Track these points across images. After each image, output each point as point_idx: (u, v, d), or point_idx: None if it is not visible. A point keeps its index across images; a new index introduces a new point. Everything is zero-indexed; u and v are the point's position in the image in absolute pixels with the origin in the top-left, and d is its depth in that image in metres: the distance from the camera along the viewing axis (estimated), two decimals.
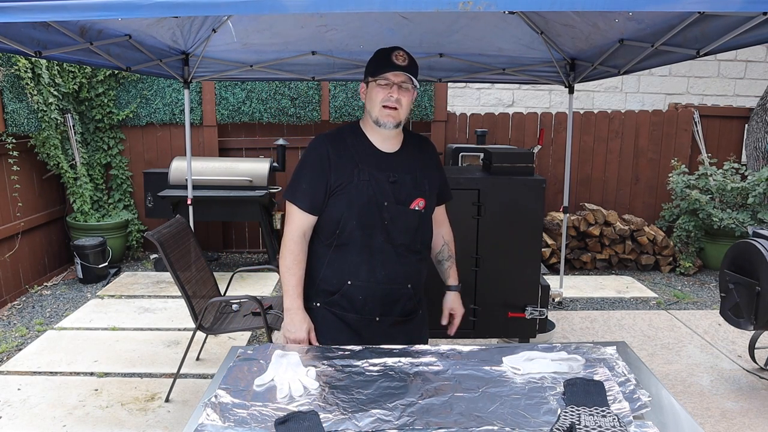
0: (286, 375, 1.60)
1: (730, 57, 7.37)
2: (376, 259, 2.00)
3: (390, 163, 2.01)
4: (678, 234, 5.89)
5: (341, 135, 2.02)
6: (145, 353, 3.95)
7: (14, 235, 5.08)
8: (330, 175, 1.95)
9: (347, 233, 1.97)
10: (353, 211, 1.95)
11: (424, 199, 2.04)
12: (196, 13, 1.36)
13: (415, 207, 2.02)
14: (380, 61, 1.94)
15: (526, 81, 4.46)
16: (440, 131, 6.43)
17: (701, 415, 3.17)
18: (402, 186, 2.00)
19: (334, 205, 1.97)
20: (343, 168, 1.95)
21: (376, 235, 1.98)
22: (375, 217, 1.96)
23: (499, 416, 1.44)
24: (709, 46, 2.38)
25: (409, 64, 1.93)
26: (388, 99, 1.92)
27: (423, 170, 2.07)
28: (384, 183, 1.97)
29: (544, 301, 3.47)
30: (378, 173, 1.97)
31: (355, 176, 1.95)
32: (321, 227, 2.02)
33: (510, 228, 3.30)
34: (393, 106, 1.92)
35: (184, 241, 3.45)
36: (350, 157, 1.97)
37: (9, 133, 4.86)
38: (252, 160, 5.82)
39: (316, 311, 2.05)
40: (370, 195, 1.95)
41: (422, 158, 2.10)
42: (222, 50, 4.05)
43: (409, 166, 2.04)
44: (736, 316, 3.44)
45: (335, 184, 1.95)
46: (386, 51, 1.95)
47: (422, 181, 2.05)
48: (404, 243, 2.02)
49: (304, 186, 1.97)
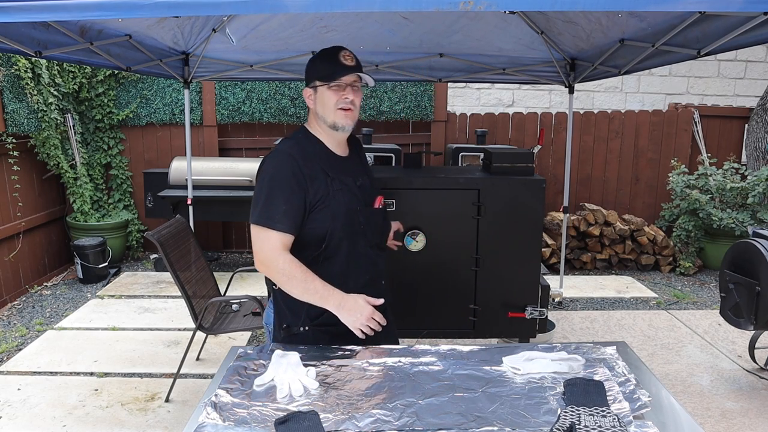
0: (286, 375, 1.60)
1: (730, 57, 7.37)
2: (361, 264, 1.99)
3: (350, 167, 2.00)
4: (678, 234, 5.89)
5: (301, 146, 1.93)
6: (145, 353, 3.95)
7: (15, 235, 5.08)
8: (308, 190, 1.86)
9: (333, 245, 1.92)
10: (338, 223, 1.91)
11: (382, 197, 2.09)
12: (196, 13, 1.36)
13: (378, 205, 2.05)
14: (327, 64, 1.89)
15: (526, 81, 4.46)
16: (440, 131, 6.43)
17: (701, 415, 3.17)
18: (365, 188, 2.02)
19: (316, 220, 1.89)
20: (317, 180, 1.88)
21: (358, 241, 1.97)
22: (354, 225, 1.95)
23: (499, 416, 1.44)
24: (709, 46, 2.38)
25: (357, 63, 1.92)
26: (344, 101, 1.89)
27: (368, 169, 2.13)
28: (353, 188, 1.96)
29: (544, 301, 3.46)
30: (346, 179, 1.95)
31: (330, 186, 1.90)
32: (302, 246, 1.90)
33: (510, 228, 3.30)
34: (348, 107, 1.90)
35: (184, 241, 3.45)
36: (319, 167, 1.90)
37: (9, 133, 4.86)
38: (252, 160, 5.82)
39: (304, 335, 1.96)
40: (347, 203, 1.93)
41: (362, 157, 2.14)
42: (222, 50, 4.05)
43: (362, 168, 2.07)
44: (736, 316, 3.44)
45: (314, 198, 1.87)
46: (332, 52, 1.90)
47: (373, 179, 2.10)
48: (377, 242, 2.07)
49: (284, 207, 1.83)
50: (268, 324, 2.12)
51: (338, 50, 1.90)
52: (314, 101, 1.96)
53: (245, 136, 6.44)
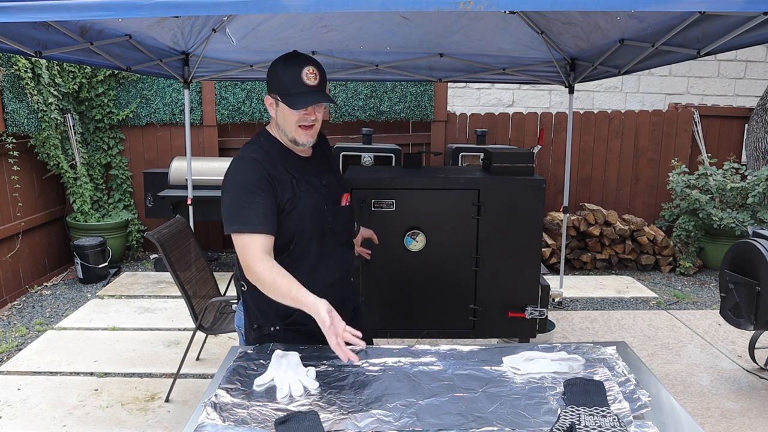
0: (286, 375, 1.60)
1: (730, 57, 7.37)
2: (330, 263, 1.99)
3: (314, 167, 1.99)
4: (678, 234, 5.89)
5: (264, 149, 1.90)
6: (145, 353, 3.95)
7: (15, 235, 5.08)
8: (277, 192, 1.85)
9: (302, 245, 1.92)
10: (305, 223, 1.90)
11: (348, 194, 2.08)
12: (196, 13, 1.36)
13: (345, 203, 2.06)
14: (291, 82, 1.81)
15: (526, 81, 4.46)
16: (440, 131, 6.43)
17: (701, 415, 3.17)
18: (331, 187, 2.01)
19: (284, 222, 1.88)
20: (284, 182, 1.87)
21: (327, 240, 1.97)
22: (322, 224, 1.95)
23: (499, 416, 1.44)
24: (709, 46, 2.38)
25: (320, 81, 1.83)
26: (305, 120, 1.85)
27: (334, 166, 2.13)
28: (319, 187, 1.96)
29: (544, 301, 3.46)
30: (311, 179, 1.95)
31: (296, 188, 1.89)
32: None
33: (510, 228, 3.30)
34: (310, 125, 1.87)
35: (184, 241, 3.45)
36: (284, 169, 1.89)
37: (9, 133, 4.86)
38: None
39: (276, 335, 1.96)
40: (314, 203, 1.92)
41: (329, 155, 2.13)
42: (222, 50, 4.05)
43: (327, 166, 2.06)
44: (736, 316, 3.44)
45: (283, 201, 1.86)
46: (295, 67, 1.81)
47: (339, 177, 2.10)
48: (345, 240, 2.07)
49: (261, 209, 1.81)
50: (239, 327, 2.09)
51: (302, 65, 1.81)
52: (275, 112, 1.90)
53: (245, 136, 6.44)
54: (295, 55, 1.88)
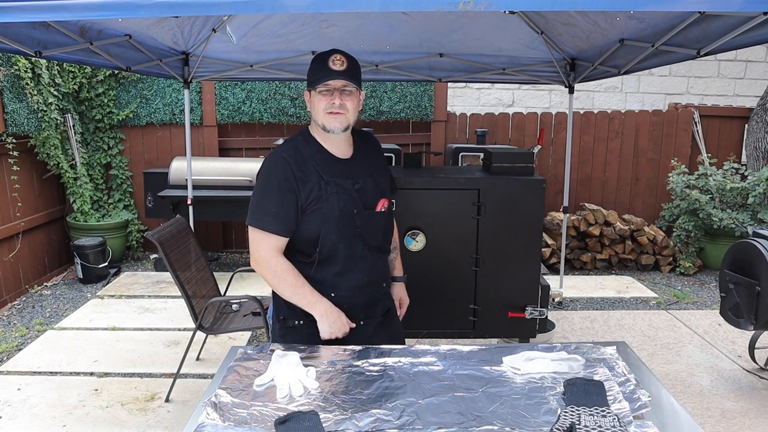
0: (286, 375, 1.60)
1: (730, 57, 7.37)
2: (358, 267, 1.99)
3: (350, 170, 1.98)
4: (678, 234, 5.89)
5: (297, 148, 1.96)
6: (145, 353, 3.95)
7: (15, 235, 5.08)
8: (300, 193, 1.89)
9: (329, 248, 1.93)
10: (331, 226, 1.91)
11: (386, 199, 2.06)
12: (196, 13, 1.36)
13: (381, 209, 2.03)
14: (318, 69, 1.90)
15: (526, 81, 4.46)
16: (440, 131, 6.43)
17: (701, 415, 3.17)
18: (366, 191, 1.99)
19: (308, 222, 1.91)
20: (310, 183, 1.90)
21: (354, 244, 1.96)
22: (350, 227, 1.94)
23: (499, 416, 1.44)
24: (709, 46, 2.37)
25: (348, 67, 1.89)
26: (331, 106, 1.89)
27: (378, 170, 2.08)
28: (351, 191, 1.95)
29: (544, 301, 3.47)
30: (343, 182, 1.94)
31: (323, 189, 1.90)
32: (297, 247, 1.96)
33: (510, 228, 3.30)
34: (337, 111, 1.90)
35: (184, 241, 3.45)
36: (313, 170, 1.92)
37: (9, 133, 4.86)
38: (252, 160, 5.82)
39: (300, 330, 2.00)
40: (341, 206, 1.92)
41: (373, 157, 2.11)
42: (222, 50, 4.05)
43: (367, 170, 2.03)
44: (736, 316, 3.44)
45: (306, 201, 1.89)
46: (323, 56, 1.90)
47: (380, 181, 2.06)
48: (378, 245, 2.04)
49: (275, 210, 1.89)
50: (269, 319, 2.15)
51: (330, 54, 1.89)
52: (310, 104, 1.98)
53: (245, 136, 6.44)
54: (327, 50, 1.94)
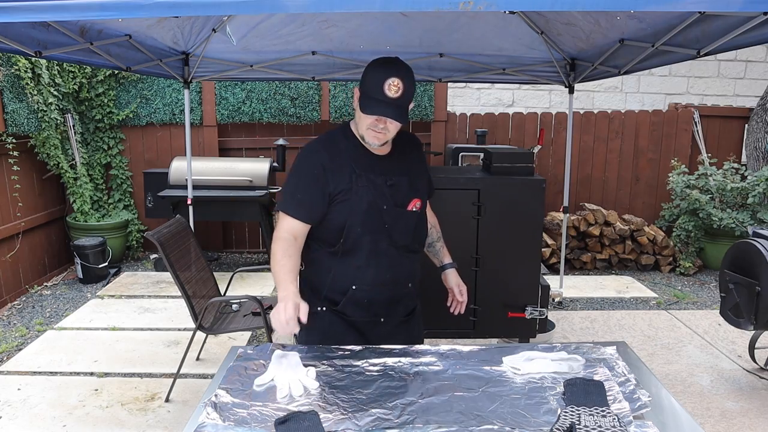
0: (286, 375, 1.60)
1: (730, 57, 7.37)
2: (382, 263, 1.99)
3: (385, 166, 1.99)
4: (678, 234, 5.89)
5: (334, 140, 1.99)
6: (145, 353, 3.95)
7: (15, 235, 5.08)
8: (328, 183, 1.91)
9: (353, 239, 1.95)
10: (356, 218, 1.93)
11: (419, 200, 2.05)
12: (196, 13, 1.36)
13: (412, 208, 2.02)
14: (373, 85, 1.83)
15: (526, 81, 4.46)
16: (440, 131, 6.43)
17: (701, 415, 3.17)
18: (399, 189, 1.99)
19: (335, 212, 1.94)
20: (341, 174, 1.92)
21: (380, 239, 1.97)
22: (377, 222, 1.95)
23: (499, 416, 1.44)
24: (709, 46, 2.37)
25: (403, 94, 1.82)
26: (375, 126, 1.87)
27: (415, 169, 2.08)
28: (382, 187, 1.96)
29: (544, 301, 3.46)
30: (375, 177, 1.95)
31: (354, 182, 1.92)
32: (323, 235, 1.98)
33: (510, 228, 3.30)
34: (380, 131, 1.89)
35: (184, 241, 3.45)
36: (346, 162, 1.93)
37: (9, 133, 4.86)
38: (252, 160, 5.82)
39: (322, 315, 2.03)
40: (370, 200, 1.93)
41: (412, 158, 2.10)
42: (222, 50, 4.05)
43: (403, 168, 2.03)
44: (736, 316, 3.44)
45: (335, 191, 1.91)
46: (382, 73, 1.83)
47: (416, 181, 2.06)
48: (405, 244, 2.03)
49: (300, 196, 1.94)
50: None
51: (389, 74, 1.82)
52: (357, 105, 1.92)
53: (245, 136, 6.44)
54: (391, 61, 1.89)
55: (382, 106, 1.83)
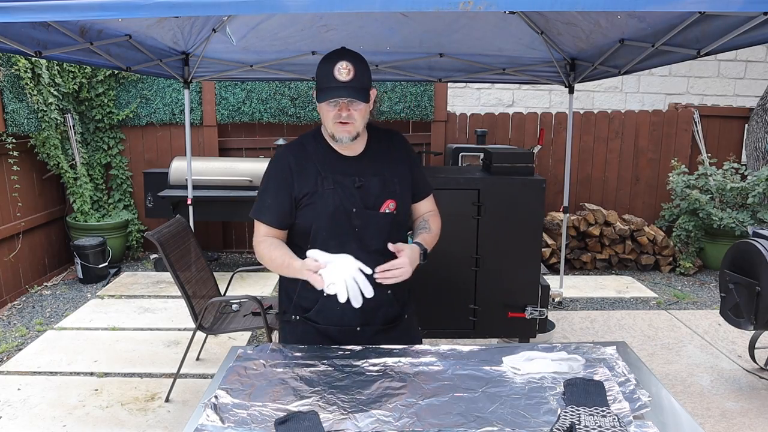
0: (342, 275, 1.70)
1: (730, 57, 7.37)
2: None
3: (355, 168, 1.92)
4: (678, 234, 5.89)
5: (302, 143, 1.96)
6: (145, 353, 3.95)
7: (15, 235, 5.08)
8: (294, 186, 1.88)
9: (319, 243, 1.86)
10: (322, 222, 1.88)
11: (394, 201, 1.94)
12: (196, 13, 1.36)
13: (385, 210, 1.93)
14: (324, 76, 1.80)
15: (526, 81, 4.46)
16: (440, 131, 6.43)
17: (701, 415, 3.17)
18: (369, 190, 1.91)
19: (301, 216, 1.90)
20: (306, 178, 1.88)
21: (348, 243, 1.88)
22: (345, 226, 1.89)
23: (499, 416, 1.44)
24: (709, 46, 2.38)
25: (355, 76, 1.78)
26: (338, 117, 1.82)
27: (392, 169, 1.97)
28: (350, 189, 1.89)
29: (544, 301, 3.47)
30: (343, 179, 1.89)
31: (319, 185, 1.88)
32: (294, 240, 1.95)
33: (510, 228, 3.30)
34: (345, 122, 1.83)
35: (184, 241, 3.45)
36: (312, 165, 1.90)
37: (9, 133, 4.86)
38: (252, 160, 5.82)
39: (295, 324, 1.99)
40: (337, 203, 1.87)
41: (390, 156, 2.00)
42: (222, 50, 4.05)
43: (375, 168, 1.94)
44: (736, 316, 3.44)
45: (299, 195, 1.88)
46: (330, 61, 1.79)
47: (391, 180, 1.95)
48: (379, 248, 1.89)
49: (269, 201, 1.92)
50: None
51: (336, 60, 1.79)
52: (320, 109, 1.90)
53: (245, 136, 6.44)
54: (337, 50, 1.85)
55: (336, 90, 1.79)
